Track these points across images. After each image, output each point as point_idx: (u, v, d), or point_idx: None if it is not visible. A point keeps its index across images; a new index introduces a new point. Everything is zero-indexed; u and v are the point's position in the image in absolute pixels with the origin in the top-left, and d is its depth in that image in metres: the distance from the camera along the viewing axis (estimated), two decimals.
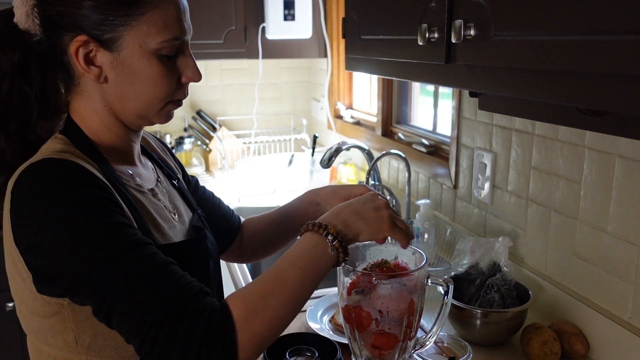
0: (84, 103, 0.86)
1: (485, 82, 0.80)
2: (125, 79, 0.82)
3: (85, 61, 0.81)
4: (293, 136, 2.72)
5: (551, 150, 1.23)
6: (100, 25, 0.79)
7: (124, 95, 0.84)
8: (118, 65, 0.81)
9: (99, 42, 0.80)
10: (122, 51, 0.80)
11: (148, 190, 0.92)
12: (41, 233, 0.72)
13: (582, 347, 1.12)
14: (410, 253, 1.01)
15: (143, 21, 0.79)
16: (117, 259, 0.72)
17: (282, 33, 2.43)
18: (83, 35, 0.79)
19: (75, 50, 0.80)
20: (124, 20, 0.79)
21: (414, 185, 1.89)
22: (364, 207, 0.85)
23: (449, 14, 0.85)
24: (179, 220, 0.96)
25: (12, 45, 0.82)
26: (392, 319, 0.93)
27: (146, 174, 0.96)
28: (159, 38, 0.81)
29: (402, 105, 2.13)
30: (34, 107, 0.84)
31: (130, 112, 0.86)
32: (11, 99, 0.83)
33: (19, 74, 0.82)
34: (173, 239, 0.90)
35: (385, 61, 1.13)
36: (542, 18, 0.66)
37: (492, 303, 1.17)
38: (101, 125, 0.87)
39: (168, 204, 0.96)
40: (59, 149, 0.81)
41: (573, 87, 0.63)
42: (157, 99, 0.85)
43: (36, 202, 0.73)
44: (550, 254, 1.26)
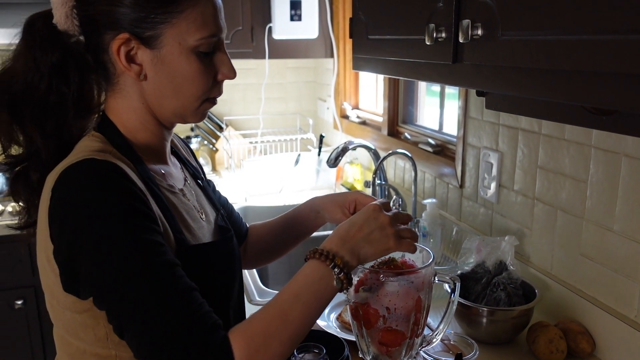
0: (121, 101, 0.87)
1: (493, 82, 0.81)
2: (164, 76, 0.83)
3: (127, 59, 0.82)
4: (299, 136, 2.73)
5: (557, 149, 1.23)
6: (142, 22, 0.80)
7: (163, 92, 0.85)
8: (158, 62, 0.82)
9: (140, 39, 0.81)
10: (162, 49, 0.82)
11: (178, 190, 0.93)
12: (75, 237, 0.73)
13: (588, 346, 1.12)
14: (417, 251, 1.02)
15: (182, 18, 0.81)
16: (142, 277, 0.72)
17: (289, 33, 2.44)
18: (125, 33, 0.80)
19: (117, 48, 0.81)
20: (164, 18, 0.80)
21: (420, 185, 1.90)
22: (369, 229, 0.84)
23: (456, 14, 0.86)
24: (206, 220, 0.97)
25: (52, 46, 0.83)
26: (399, 316, 0.94)
27: (176, 173, 0.97)
28: (197, 35, 0.82)
29: (408, 105, 2.14)
30: (71, 107, 0.85)
31: (168, 109, 0.87)
32: (48, 99, 0.83)
33: (57, 74, 0.83)
34: (202, 239, 0.92)
35: (392, 61, 1.13)
36: (549, 18, 0.67)
37: (498, 301, 1.18)
38: (138, 124, 0.88)
39: (196, 204, 0.97)
40: (97, 147, 0.82)
41: (579, 86, 0.64)
42: (195, 97, 0.86)
43: (74, 205, 0.74)
44: (557, 253, 1.27)
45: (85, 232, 0.73)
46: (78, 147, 0.84)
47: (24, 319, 2.23)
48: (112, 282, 0.72)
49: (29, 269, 2.19)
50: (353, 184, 2.27)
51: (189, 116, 0.89)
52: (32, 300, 2.22)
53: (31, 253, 2.16)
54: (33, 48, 0.83)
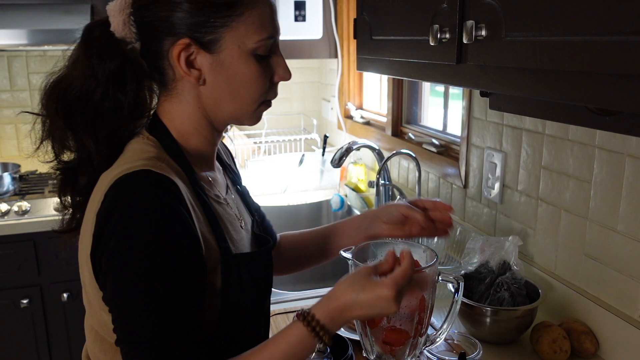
0: (177, 106, 0.87)
1: (496, 82, 0.81)
2: (223, 80, 0.84)
3: (186, 64, 0.82)
4: (303, 136, 2.74)
5: (561, 149, 1.23)
6: (201, 27, 0.80)
7: (221, 96, 0.85)
8: (217, 66, 0.82)
9: (199, 44, 0.81)
10: (222, 52, 0.82)
11: (223, 200, 0.93)
12: (112, 249, 0.74)
13: (592, 346, 1.12)
14: (421, 251, 1.03)
15: (241, 21, 0.81)
16: (149, 309, 0.74)
17: (293, 34, 2.45)
18: (185, 38, 0.80)
19: (178, 54, 0.81)
20: (223, 21, 0.80)
21: (424, 185, 1.90)
22: (372, 312, 0.79)
23: (460, 14, 0.87)
24: (245, 229, 0.98)
25: (110, 55, 0.83)
26: (403, 315, 0.95)
27: (220, 179, 0.98)
28: (256, 37, 0.82)
29: (412, 105, 2.14)
30: (125, 113, 0.85)
31: (225, 113, 0.87)
32: (103, 106, 0.83)
33: (114, 82, 0.83)
34: (243, 249, 0.93)
35: (396, 61, 1.14)
36: (553, 19, 0.67)
37: (502, 301, 1.18)
38: (191, 128, 0.88)
39: (237, 212, 0.98)
40: (153, 154, 0.82)
41: (583, 86, 0.64)
42: (253, 99, 0.87)
43: (123, 218, 0.74)
44: (560, 253, 1.27)
45: (123, 248, 0.74)
46: (132, 149, 0.84)
47: (30, 318, 2.24)
48: (124, 301, 0.75)
49: (35, 268, 2.20)
50: (357, 184, 2.28)
51: (245, 119, 0.89)
52: (37, 300, 2.23)
53: (37, 252, 2.18)
54: (91, 57, 0.83)
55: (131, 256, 0.74)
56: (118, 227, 0.74)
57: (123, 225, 0.74)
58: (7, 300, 2.20)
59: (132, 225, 0.74)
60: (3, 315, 2.20)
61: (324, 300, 0.81)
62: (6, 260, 2.16)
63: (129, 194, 0.75)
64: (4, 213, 2.14)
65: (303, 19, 2.43)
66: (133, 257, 0.74)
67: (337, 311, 0.79)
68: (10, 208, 2.17)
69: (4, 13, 2.18)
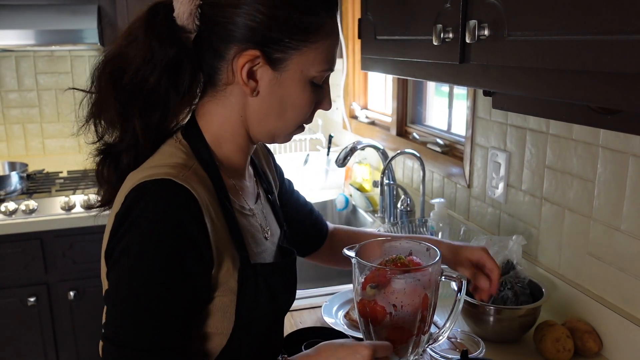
0: (220, 109, 0.86)
1: (499, 82, 0.81)
2: (276, 97, 0.84)
3: (248, 74, 0.81)
4: (308, 136, 2.74)
5: (565, 149, 1.24)
6: (275, 44, 0.80)
7: (269, 112, 0.85)
8: (276, 84, 0.82)
9: (268, 59, 0.81)
10: (284, 72, 0.82)
11: (248, 211, 0.92)
12: (119, 251, 0.76)
13: (595, 345, 1.12)
14: (424, 249, 1.03)
15: (313, 49, 0.82)
16: (140, 319, 0.75)
17: None
18: (256, 50, 0.79)
19: (244, 63, 0.80)
20: (296, 44, 0.80)
21: (429, 185, 1.90)
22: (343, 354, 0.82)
23: (463, 14, 0.87)
24: (270, 241, 0.97)
25: (170, 41, 0.80)
26: (406, 313, 0.95)
27: (249, 188, 0.97)
28: (319, 67, 0.83)
29: (417, 105, 2.15)
30: (175, 104, 0.84)
31: (265, 129, 0.87)
32: (157, 93, 0.82)
33: (170, 69, 0.81)
34: (264, 261, 0.92)
35: (400, 61, 1.14)
36: (555, 18, 0.68)
37: (505, 300, 1.19)
38: (228, 134, 0.88)
39: (263, 222, 0.97)
40: (181, 161, 0.81)
41: (585, 85, 0.65)
42: (296, 122, 0.88)
43: (133, 223, 0.75)
44: (564, 253, 1.27)
45: (129, 253, 0.75)
46: (162, 151, 0.84)
47: (37, 316, 2.26)
48: (117, 301, 0.76)
49: (42, 266, 2.22)
50: (361, 184, 2.29)
51: (281, 138, 0.90)
52: (44, 298, 2.25)
53: (44, 250, 2.20)
54: (151, 38, 0.80)
55: (133, 262, 0.75)
56: (129, 233, 0.75)
57: (133, 231, 0.75)
58: (15, 298, 2.22)
59: (141, 233, 0.75)
60: (10, 313, 2.23)
61: (306, 354, 0.85)
62: (13, 258, 2.18)
63: (145, 202, 0.75)
64: (12, 212, 2.16)
65: None
66: (135, 263, 0.75)
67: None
68: (18, 207, 2.19)
69: (12, 13, 2.21)
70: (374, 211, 2.17)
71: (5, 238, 2.15)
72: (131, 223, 0.75)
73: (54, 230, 2.19)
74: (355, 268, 1.00)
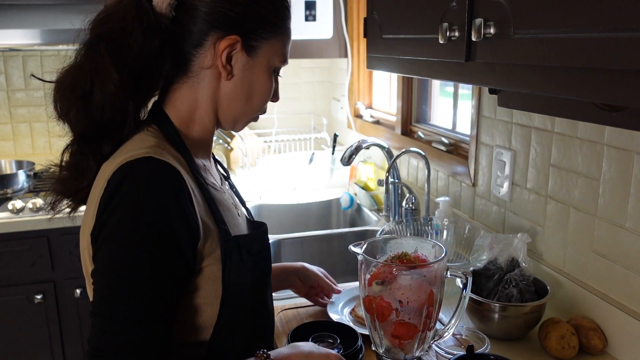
0: (191, 94, 0.92)
1: (505, 79, 0.82)
2: (246, 82, 0.93)
3: (227, 58, 0.89)
4: (313, 135, 2.75)
5: (570, 147, 1.24)
6: (252, 32, 0.90)
7: (238, 96, 0.93)
8: (248, 69, 0.92)
9: (245, 45, 0.90)
10: (256, 59, 0.92)
11: (219, 188, 0.98)
12: (109, 228, 0.78)
13: (600, 342, 1.13)
14: (430, 246, 1.04)
15: (278, 41, 0.93)
16: (131, 290, 0.77)
17: (303, 33, 2.47)
18: (237, 36, 0.89)
19: (224, 47, 0.88)
20: (268, 35, 0.91)
21: (434, 184, 1.91)
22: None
23: (469, 13, 0.88)
24: (241, 217, 1.02)
25: (156, 30, 0.85)
26: (412, 309, 0.96)
27: (213, 171, 1.03)
28: (280, 58, 0.95)
29: (421, 104, 2.15)
30: (155, 86, 0.91)
31: (232, 112, 0.95)
32: (154, 65, 0.87)
33: (156, 55, 0.86)
34: (241, 233, 0.97)
35: (406, 60, 1.15)
36: (560, 16, 0.68)
37: (510, 298, 1.19)
38: (197, 117, 0.94)
39: (233, 200, 1.03)
40: (154, 142, 0.85)
41: (590, 83, 0.65)
42: (257, 107, 0.97)
43: (122, 200, 0.78)
44: (569, 251, 1.28)
45: (120, 228, 0.78)
46: (133, 139, 0.88)
47: (44, 313, 2.27)
48: (102, 276, 0.79)
49: (49, 264, 2.23)
50: (366, 183, 2.29)
51: (241, 123, 0.98)
52: (51, 295, 2.26)
53: (51, 248, 2.21)
54: (141, 27, 0.84)
55: (126, 239, 0.77)
56: (118, 209, 0.78)
57: (123, 209, 0.78)
58: (22, 295, 2.23)
59: (131, 210, 0.78)
60: (18, 310, 2.24)
61: (282, 350, 0.93)
62: (21, 256, 2.20)
63: (132, 180, 0.79)
64: (19, 210, 2.18)
65: (313, 19, 2.45)
66: (128, 241, 0.77)
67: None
68: (25, 205, 2.20)
69: (19, 13, 2.22)
70: (379, 210, 2.17)
71: (12, 236, 2.16)
72: (119, 202, 0.78)
73: (61, 228, 2.20)
74: (361, 265, 1.01)
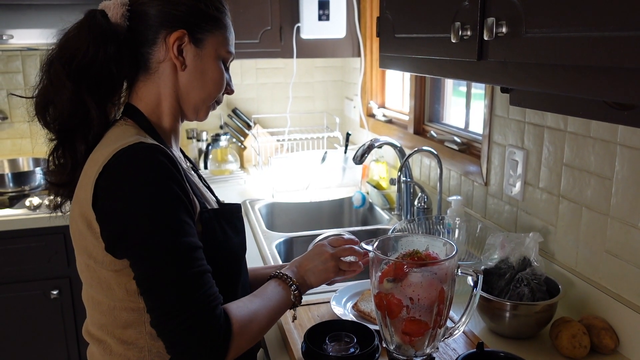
0: (155, 88, 1.03)
1: (517, 78, 0.82)
2: (199, 71, 1.04)
3: (177, 50, 1.01)
4: (326, 134, 2.76)
5: (583, 147, 1.24)
6: (195, 27, 1.02)
7: (194, 84, 1.04)
8: (198, 59, 1.03)
9: (191, 37, 1.01)
10: (203, 50, 1.03)
11: (191, 173, 1.08)
12: (126, 209, 0.88)
13: (612, 342, 1.13)
14: (441, 244, 1.05)
15: (221, 33, 1.05)
16: (171, 254, 0.88)
17: (317, 33, 2.48)
18: (184, 30, 1.00)
19: (174, 40, 1.00)
20: (211, 28, 1.03)
21: (446, 183, 1.91)
22: (314, 264, 1.13)
23: (481, 12, 0.88)
24: (213, 200, 1.12)
25: (111, 38, 0.97)
26: (422, 307, 0.97)
27: (183, 160, 1.12)
28: (226, 48, 1.07)
29: (434, 103, 2.15)
30: (117, 86, 1.01)
31: (192, 100, 1.05)
32: (102, 74, 0.97)
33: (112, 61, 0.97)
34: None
35: (418, 59, 1.16)
36: (572, 15, 0.69)
37: (521, 297, 1.19)
38: (166, 109, 1.05)
39: (203, 184, 1.14)
40: (135, 133, 0.96)
41: (601, 81, 0.66)
42: (213, 95, 1.07)
43: (129, 183, 0.88)
44: (581, 250, 1.27)
45: (136, 206, 0.88)
46: (114, 133, 0.98)
47: (59, 309, 2.31)
48: (147, 251, 0.88)
49: (65, 260, 2.27)
50: (379, 182, 2.30)
51: (202, 112, 1.08)
52: (67, 291, 2.30)
53: (67, 244, 2.25)
54: (95, 38, 0.96)
55: (147, 212, 0.87)
56: (129, 193, 0.88)
57: (136, 190, 0.88)
58: (38, 290, 2.27)
59: (144, 188, 0.88)
60: (34, 305, 2.28)
61: (290, 266, 1.13)
62: (37, 252, 2.24)
63: (135, 163, 0.89)
64: (36, 207, 2.21)
65: (327, 18, 2.46)
66: (149, 213, 0.87)
67: (294, 267, 1.12)
68: (42, 202, 2.24)
69: (36, 13, 2.26)
70: (391, 209, 2.18)
71: (29, 232, 2.20)
72: (131, 186, 0.88)
73: None
74: (373, 262, 1.02)
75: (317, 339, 1.08)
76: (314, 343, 1.06)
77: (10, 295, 2.25)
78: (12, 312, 2.27)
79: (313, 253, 1.14)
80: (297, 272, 1.11)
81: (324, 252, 1.13)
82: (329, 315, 1.27)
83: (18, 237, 2.20)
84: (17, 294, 2.26)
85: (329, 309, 1.29)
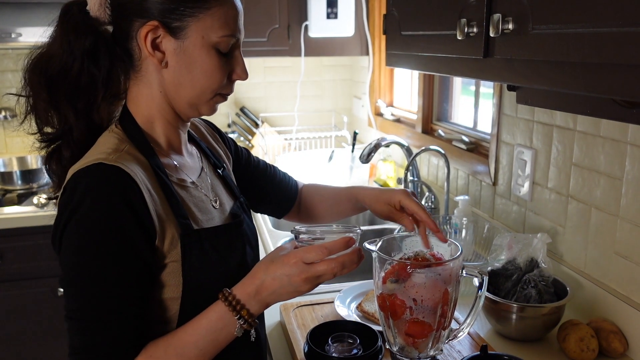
0: (142, 89, 0.93)
1: (523, 76, 0.81)
2: (184, 66, 0.89)
3: (152, 46, 0.88)
4: (334, 133, 2.75)
5: (592, 146, 1.22)
6: (171, 13, 0.86)
7: (181, 82, 0.91)
8: (180, 52, 0.88)
9: (167, 28, 0.87)
10: (186, 40, 0.88)
11: (190, 184, 0.98)
12: (60, 237, 0.83)
13: (621, 345, 1.10)
14: (445, 245, 1.03)
15: (208, 15, 0.87)
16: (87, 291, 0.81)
17: (325, 31, 2.47)
18: (154, 21, 0.86)
19: (145, 34, 0.87)
20: (192, 12, 0.87)
21: (453, 182, 1.89)
22: (281, 284, 0.86)
23: (487, 8, 0.87)
24: (219, 209, 1.01)
25: (85, 31, 0.88)
26: (426, 308, 0.95)
27: (191, 163, 1.02)
28: (219, 32, 0.89)
29: (443, 102, 2.13)
30: (100, 88, 0.90)
31: (184, 99, 0.93)
32: (80, 79, 0.89)
33: (89, 57, 0.89)
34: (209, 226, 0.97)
35: (424, 56, 1.14)
36: (579, 11, 0.67)
37: (528, 298, 1.17)
38: (156, 112, 0.94)
39: (210, 194, 1.02)
40: (112, 145, 0.88)
41: (609, 78, 0.64)
42: (209, 89, 0.92)
43: (72, 210, 0.81)
44: (590, 252, 1.25)
45: (69, 239, 0.82)
46: (98, 142, 0.91)
47: None
48: (66, 283, 0.83)
49: None
50: (386, 181, 2.28)
51: (203, 108, 0.95)
52: None
53: None
54: (68, 32, 0.88)
55: (81, 243, 0.81)
56: (72, 219, 0.81)
57: (77, 217, 0.81)
58: (46, 288, 2.28)
59: (83, 217, 0.81)
60: (42, 303, 2.29)
61: (244, 280, 0.89)
62: (45, 249, 2.25)
63: (81, 189, 0.81)
64: (44, 204, 2.22)
65: (335, 17, 2.45)
66: (83, 244, 0.81)
67: (253, 288, 0.87)
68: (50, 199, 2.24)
69: (45, 11, 2.26)
70: None
71: (37, 229, 2.21)
72: (72, 211, 0.81)
73: None
74: (376, 262, 1.00)
75: (319, 339, 1.07)
76: (317, 344, 1.05)
77: (18, 292, 2.26)
78: (20, 309, 2.28)
79: (282, 272, 0.86)
80: (257, 294, 0.87)
81: (296, 274, 0.85)
82: (333, 315, 1.26)
83: (26, 235, 2.21)
84: (25, 291, 2.27)
85: (332, 309, 1.28)
